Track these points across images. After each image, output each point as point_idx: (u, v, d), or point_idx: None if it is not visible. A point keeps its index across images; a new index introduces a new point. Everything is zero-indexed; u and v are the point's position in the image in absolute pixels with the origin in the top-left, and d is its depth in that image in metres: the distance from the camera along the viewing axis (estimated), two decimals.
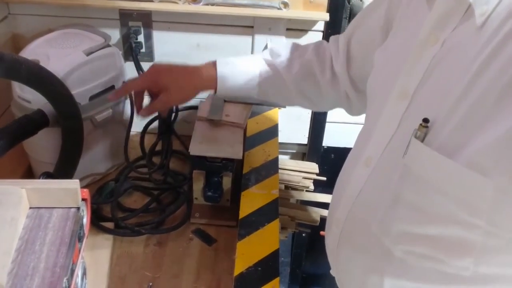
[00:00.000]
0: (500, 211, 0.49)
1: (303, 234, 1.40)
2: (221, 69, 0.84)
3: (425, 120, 0.51)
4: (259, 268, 0.74)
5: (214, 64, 0.85)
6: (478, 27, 0.49)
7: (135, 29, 1.07)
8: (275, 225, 0.83)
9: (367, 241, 0.63)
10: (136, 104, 0.89)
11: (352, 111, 0.88)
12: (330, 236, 0.70)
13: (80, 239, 0.69)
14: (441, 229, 0.54)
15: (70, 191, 0.69)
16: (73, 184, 0.69)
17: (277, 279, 0.73)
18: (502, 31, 0.46)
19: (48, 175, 0.87)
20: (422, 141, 0.52)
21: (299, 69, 0.84)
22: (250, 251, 0.77)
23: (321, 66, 0.82)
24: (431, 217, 0.54)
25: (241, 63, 0.86)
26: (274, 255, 0.77)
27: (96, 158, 1.01)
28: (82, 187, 0.71)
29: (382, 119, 0.60)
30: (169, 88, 0.84)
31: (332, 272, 0.74)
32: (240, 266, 0.74)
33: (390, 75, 0.60)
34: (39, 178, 0.89)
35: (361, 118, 1.28)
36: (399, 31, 0.65)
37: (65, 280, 0.60)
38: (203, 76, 0.85)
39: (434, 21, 0.54)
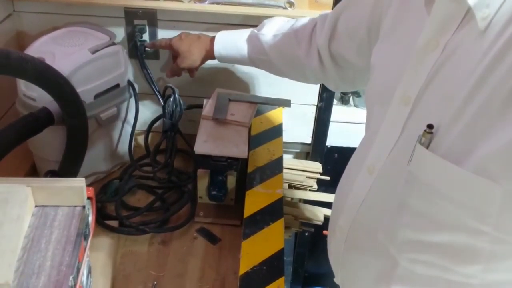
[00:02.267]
0: (508, 216, 0.48)
1: (306, 234, 1.40)
2: (218, 36, 0.98)
3: (430, 126, 0.51)
4: (264, 268, 0.74)
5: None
6: (481, 31, 0.48)
7: (140, 28, 1.07)
8: (279, 224, 0.83)
9: (373, 249, 0.62)
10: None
11: (330, 84, 0.93)
12: (334, 243, 0.70)
13: (86, 238, 0.69)
14: (448, 237, 0.53)
15: (76, 190, 0.69)
16: (79, 182, 0.69)
17: (282, 278, 0.73)
18: (505, 34, 0.45)
19: (52, 174, 0.87)
20: (427, 147, 0.51)
21: (280, 42, 0.92)
22: (255, 250, 0.77)
23: (297, 39, 0.89)
24: (437, 224, 0.53)
25: (235, 32, 0.98)
26: (279, 254, 0.77)
27: (100, 157, 1.01)
28: (87, 186, 0.71)
29: (384, 126, 0.60)
30: (180, 54, 1.00)
31: (336, 280, 0.73)
32: (245, 265, 0.74)
33: (390, 81, 0.59)
34: (43, 176, 0.89)
35: (364, 118, 1.28)
36: (395, 35, 0.64)
37: (71, 278, 0.60)
38: (207, 43, 0.99)
39: (433, 26, 0.53)
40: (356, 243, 0.66)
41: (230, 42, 0.97)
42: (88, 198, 0.71)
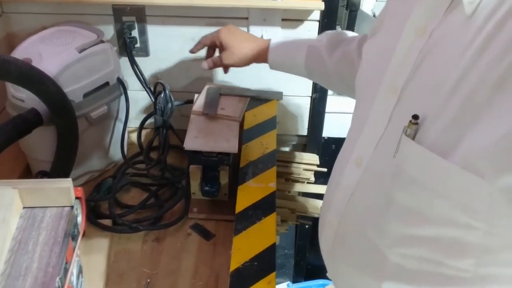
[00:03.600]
0: (498, 212, 0.47)
1: (306, 226, 1.39)
2: (273, 41, 0.92)
3: (415, 117, 0.49)
4: (256, 263, 0.74)
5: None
6: (467, 16, 0.46)
7: (129, 24, 1.06)
8: (272, 219, 0.82)
9: (363, 244, 0.61)
10: (206, 57, 1.01)
11: None
12: (324, 239, 0.69)
13: (74, 238, 0.69)
14: (438, 231, 0.52)
15: (63, 190, 0.69)
16: (66, 183, 0.69)
17: (274, 273, 0.72)
18: (492, 19, 0.43)
19: (43, 174, 0.87)
20: (413, 138, 0.50)
21: (341, 56, 0.86)
22: (246, 246, 0.76)
23: (360, 57, 0.84)
24: (426, 218, 0.52)
25: (292, 40, 0.93)
26: (271, 249, 0.76)
27: (93, 155, 1.01)
28: (80, 185, 0.71)
29: (371, 116, 0.58)
30: (228, 48, 0.94)
31: (328, 275, 0.73)
32: (236, 261, 0.73)
33: (378, 69, 0.58)
34: (35, 177, 0.89)
35: None
36: (387, 24, 0.63)
37: (57, 279, 0.60)
38: (261, 45, 0.93)
39: (420, 11, 0.51)
40: (345, 239, 0.65)
41: (287, 51, 0.92)
42: (77, 198, 0.71)
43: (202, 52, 1.11)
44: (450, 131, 0.47)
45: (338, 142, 1.29)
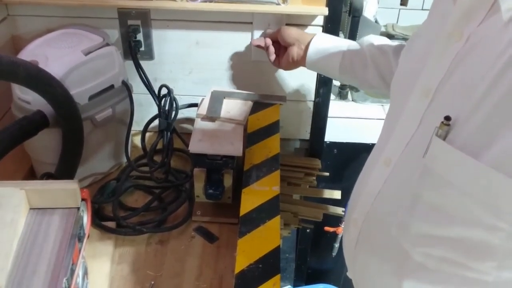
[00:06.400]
0: None
1: (307, 230, 1.40)
2: (310, 52, 0.95)
3: (447, 118, 0.50)
4: (260, 265, 0.74)
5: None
6: (505, 23, 0.47)
7: (134, 28, 1.07)
8: (276, 221, 0.82)
9: (386, 243, 0.62)
10: (268, 52, 1.02)
11: None
12: (348, 237, 0.70)
13: (80, 239, 0.70)
14: (463, 231, 0.52)
15: (70, 192, 0.70)
16: (73, 184, 0.70)
17: (278, 276, 0.72)
18: None
19: (49, 176, 0.87)
20: (444, 139, 0.50)
21: (378, 52, 0.89)
22: (251, 248, 0.77)
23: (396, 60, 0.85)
24: (452, 218, 0.52)
25: (328, 49, 0.95)
26: (275, 252, 0.77)
27: (97, 158, 1.01)
28: (84, 187, 0.71)
29: (403, 118, 0.59)
30: (291, 42, 0.97)
31: (349, 274, 0.73)
32: (241, 263, 0.74)
33: (413, 72, 0.59)
34: (40, 179, 0.89)
35: (363, 113, 1.28)
36: (423, 28, 0.64)
37: (64, 280, 0.60)
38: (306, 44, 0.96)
39: (458, 16, 0.52)
40: (369, 237, 0.65)
41: (325, 46, 0.95)
42: (83, 199, 0.72)
43: (206, 57, 1.12)
44: (482, 132, 0.47)
45: (340, 147, 1.30)
